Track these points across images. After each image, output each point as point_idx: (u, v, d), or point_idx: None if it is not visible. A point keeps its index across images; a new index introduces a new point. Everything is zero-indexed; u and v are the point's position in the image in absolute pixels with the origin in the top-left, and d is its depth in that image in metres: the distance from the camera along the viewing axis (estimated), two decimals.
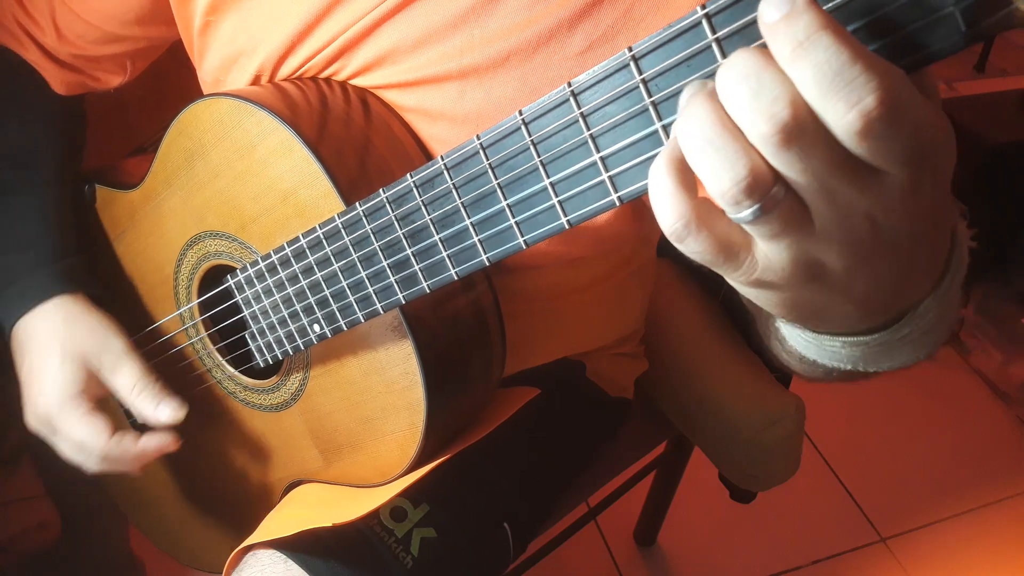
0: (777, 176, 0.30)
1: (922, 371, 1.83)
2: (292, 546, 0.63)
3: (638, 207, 0.58)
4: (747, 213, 0.30)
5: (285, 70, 0.61)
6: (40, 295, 0.68)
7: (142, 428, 0.69)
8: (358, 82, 0.60)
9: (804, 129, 0.28)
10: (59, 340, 0.67)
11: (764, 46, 0.29)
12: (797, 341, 0.46)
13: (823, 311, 0.37)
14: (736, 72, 0.28)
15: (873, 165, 0.29)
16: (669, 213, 0.31)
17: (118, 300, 0.74)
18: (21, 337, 0.69)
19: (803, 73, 0.27)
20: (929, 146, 0.29)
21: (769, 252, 0.32)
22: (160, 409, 0.67)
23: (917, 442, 1.69)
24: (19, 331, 0.69)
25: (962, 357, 1.87)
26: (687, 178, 0.31)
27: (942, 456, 1.66)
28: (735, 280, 0.34)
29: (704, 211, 0.31)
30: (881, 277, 0.35)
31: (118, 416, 0.74)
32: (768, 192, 0.29)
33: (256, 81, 0.63)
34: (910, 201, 0.31)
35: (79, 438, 0.66)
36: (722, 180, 0.29)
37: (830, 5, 0.30)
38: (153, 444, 0.68)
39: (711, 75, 0.32)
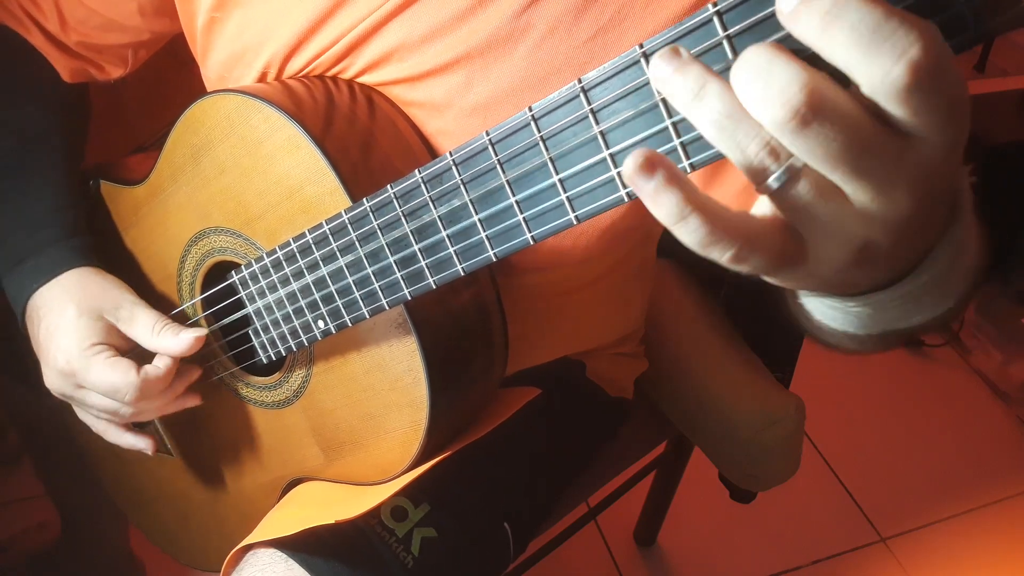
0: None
1: (922, 371, 1.84)
2: (292, 545, 0.63)
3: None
4: (774, 181, 0.30)
5: (292, 68, 0.61)
6: (53, 270, 0.68)
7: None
8: (365, 79, 0.60)
9: (820, 111, 0.28)
10: (74, 300, 0.66)
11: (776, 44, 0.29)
12: (824, 313, 0.45)
13: (861, 282, 0.37)
14: (749, 67, 0.29)
15: (911, 130, 0.29)
16: (724, 245, 0.31)
17: None
18: (35, 307, 0.68)
19: (837, 38, 0.27)
20: (965, 99, 0.29)
21: (819, 244, 0.32)
22: (183, 336, 0.65)
23: (917, 442, 1.69)
24: (32, 304, 0.68)
25: (962, 357, 1.87)
26: (718, 213, 0.31)
27: (942, 456, 1.66)
28: (785, 281, 0.34)
29: (749, 227, 0.31)
30: (916, 240, 0.35)
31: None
32: (788, 159, 0.30)
33: (262, 78, 0.63)
34: (951, 161, 0.30)
35: (110, 381, 0.64)
36: (748, 148, 0.30)
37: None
38: (170, 361, 0.66)
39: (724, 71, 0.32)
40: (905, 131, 0.29)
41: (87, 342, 0.65)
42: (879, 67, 0.27)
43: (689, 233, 0.31)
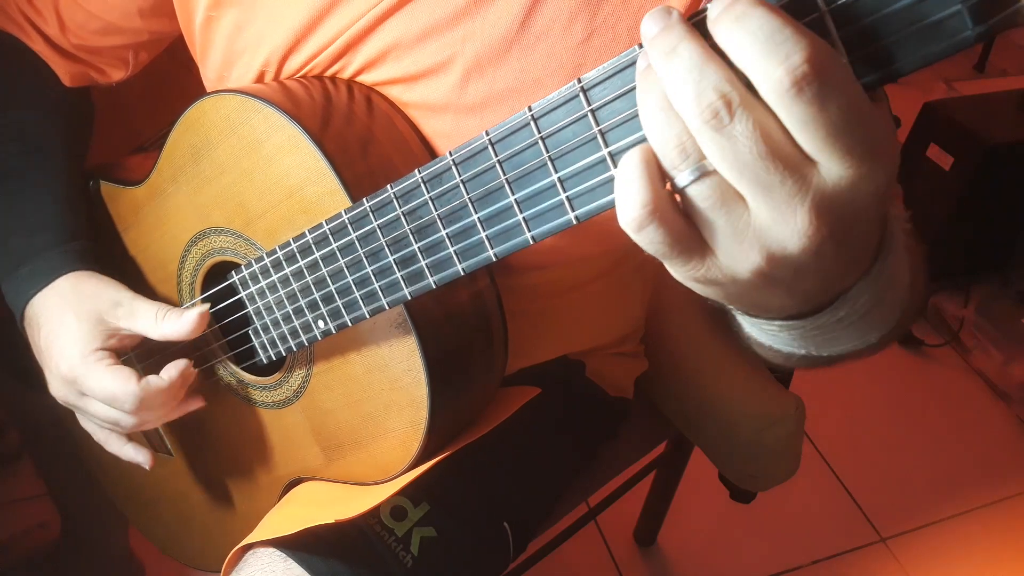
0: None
1: (922, 371, 1.84)
2: (292, 545, 0.63)
3: None
4: (686, 174, 0.32)
5: (290, 67, 0.61)
6: (50, 275, 0.67)
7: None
8: (363, 78, 0.60)
9: (735, 115, 0.30)
10: (71, 306, 0.66)
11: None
12: (751, 329, 0.47)
13: (763, 302, 0.39)
14: (683, 62, 0.31)
15: (812, 157, 0.31)
16: (634, 199, 0.33)
17: None
18: (34, 314, 0.68)
19: (742, 40, 0.30)
20: (880, 144, 0.30)
21: (717, 243, 0.34)
22: (186, 316, 0.64)
23: (917, 442, 1.69)
24: (31, 311, 0.68)
25: (962, 357, 1.87)
26: (654, 172, 0.33)
27: (942, 456, 1.66)
28: (682, 275, 0.36)
29: (665, 203, 0.33)
30: (826, 273, 0.36)
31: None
32: (701, 160, 0.32)
33: (260, 78, 0.63)
34: (859, 205, 0.32)
35: (110, 389, 0.64)
36: (667, 139, 0.32)
37: (837, 4, 0.30)
38: (177, 370, 0.65)
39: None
40: (808, 154, 0.31)
41: (88, 348, 0.65)
42: (765, 70, 0.29)
43: (618, 172, 0.34)
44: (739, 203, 0.32)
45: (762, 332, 0.45)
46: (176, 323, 0.64)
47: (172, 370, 0.65)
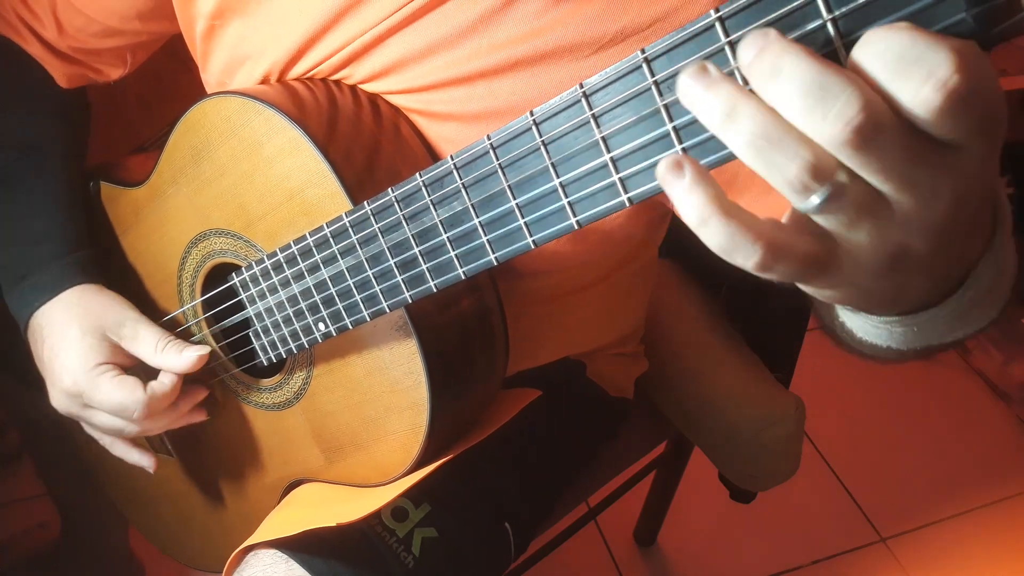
0: (839, 163, 0.29)
1: (922, 371, 1.83)
2: (293, 546, 0.63)
3: (646, 207, 0.58)
4: (815, 198, 0.29)
5: (291, 76, 0.61)
6: (55, 287, 0.68)
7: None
8: (366, 88, 0.60)
9: (879, 128, 0.28)
10: (76, 320, 0.66)
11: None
12: (867, 332, 0.45)
13: (900, 295, 0.37)
14: (796, 85, 0.28)
15: (950, 141, 0.29)
16: (748, 251, 0.30)
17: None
18: (38, 326, 0.68)
19: (880, 56, 0.27)
20: (1002, 111, 0.29)
21: (854, 249, 0.32)
22: (186, 354, 0.65)
23: (917, 442, 1.69)
24: (35, 322, 0.68)
25: (962, 357, 1.87)
26: (742, 218, 0.30)
27: (942, 456, 1.66)
28: (819, 292, 0.34)
29: (776, 234, 0.31)
30: (957, 248, 0.34)
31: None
32: (834, 176, 0.29)
33: (263, 83, 0.63)
34: (988, 168, 0.30)
35: (117, 400, 0.64)
36: (789, 169, 0.29)
37: (840, 11, 0.30)
38: (175, 377, 0.66)
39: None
40: (946, 141, 0.29)
41: (92, 362, 0.65)
42: (913, 86, 0.27)
43: (712, 236, 0.30)
44: (881, 202, 0.30)
45: (888, 332, 0.43)
46: (175, 358, 0.65)
47: (171, 375, 0.66)
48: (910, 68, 0.27)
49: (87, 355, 0.65)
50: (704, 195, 0.30)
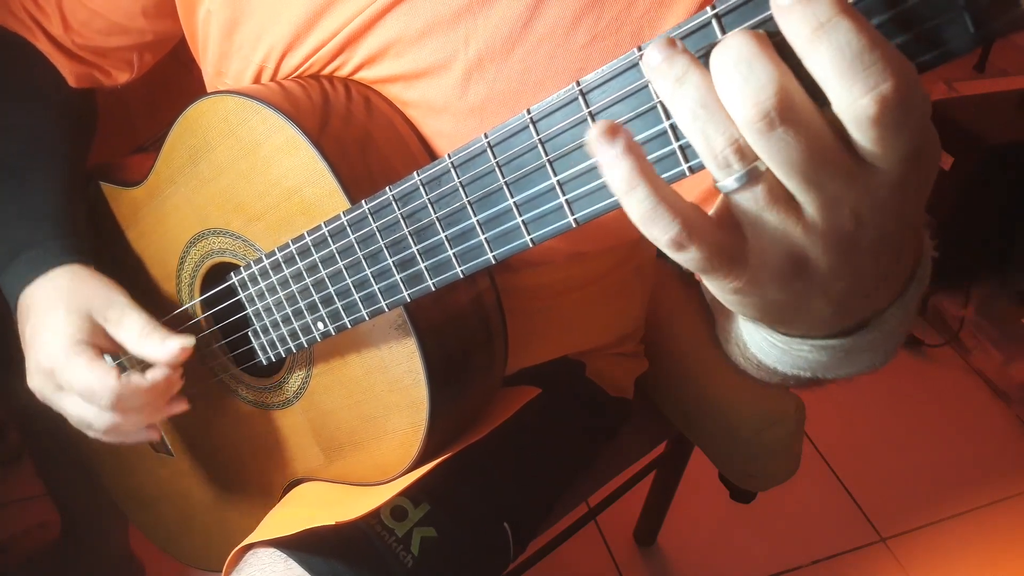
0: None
1: (922, 371, 1.83)
2: (293, 545, 0.63)
3: None
4: (734, 179, 0.31)
5: (289, 62, 0.61)
6: (47, 263, 0.66)
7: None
8: (362, 76, 0.60)
9: (788, 117, 0.29)
10: (63, 298, 0.64)
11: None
12: (760, 347, 0.47)
13: (800, 310, 0.38)
14: (731, 56, 0.29)
15: (868, 157, 0.30)
16: (667, 224, 0.32)
17: None
18: (26, 304, 0.66)
19: (821, 55, 0.28)
20: (926, 146, 0.30)
21: (760, 249, 0.33)
22: (168, 343, 0.62)
23: (917, 442, 1.69)
24: (23, 300, 0.66)
25: (962, 357, 1.87)
26: (666, 192, 0.32)
27: (942, 456, 1.66)
28: (724, 288, 0.35)
29: (695, 215, 0.32)
30: (860, 277, 0.36)
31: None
32: (755, 161, 0.31)
33: (259, 73, 0.63)
34: (897, 200, 0.31)
35: (87, 384, 0.61)
36: (717, 140, 0.31)
37: None
38: (160, 375, 0.63)
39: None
40: (861, 155, 0.30)
41: (73, 339, 0.63)
42: (848, 94, 0.28)
43: (636, 203, 0.32)
44: (789, 200, 0.32)
45: (782, 354, 0.45)
46: (157, 346, 0.63)
47: (157, 372, 0.63)
48: (858, 73, 0.27)
49: (68, 334, 0.63)
50: (635, 163, 0.31)
